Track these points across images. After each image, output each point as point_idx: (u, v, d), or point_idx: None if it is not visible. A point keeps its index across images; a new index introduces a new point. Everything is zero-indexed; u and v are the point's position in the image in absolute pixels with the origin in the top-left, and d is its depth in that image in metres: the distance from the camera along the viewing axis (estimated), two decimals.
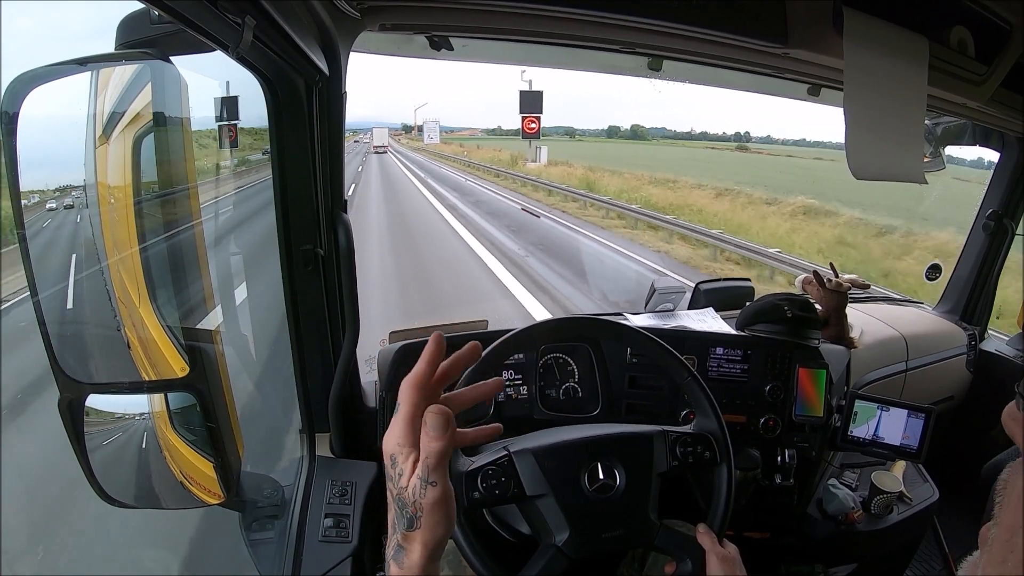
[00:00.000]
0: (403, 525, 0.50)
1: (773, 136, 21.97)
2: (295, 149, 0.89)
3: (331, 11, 0.79)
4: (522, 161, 16.23)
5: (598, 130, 22.70)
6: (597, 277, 6.42)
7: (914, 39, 0.87)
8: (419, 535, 0.49)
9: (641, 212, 10.11)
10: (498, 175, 16.77)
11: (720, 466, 0.86)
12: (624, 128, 22.28)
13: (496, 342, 0.87)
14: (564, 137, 20.31)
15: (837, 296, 1.44)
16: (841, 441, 1.26)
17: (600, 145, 22.44)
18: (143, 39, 0.66)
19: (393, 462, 0.50)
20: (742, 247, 7.52)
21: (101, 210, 0.68)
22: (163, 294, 0.72)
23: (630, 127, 22.80)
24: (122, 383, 0.72)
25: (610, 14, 0.81)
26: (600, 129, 22.82)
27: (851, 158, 0.83)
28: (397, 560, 0.50)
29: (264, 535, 0.95)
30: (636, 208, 10.48)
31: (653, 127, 22.24)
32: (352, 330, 1.02)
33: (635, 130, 22.79)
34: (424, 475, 0.48)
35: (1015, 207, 1.72)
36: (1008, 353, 1.86)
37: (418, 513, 0.49)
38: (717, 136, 24.78)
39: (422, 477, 0.48)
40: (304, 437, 1.10)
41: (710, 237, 8.14)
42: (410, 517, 0.49)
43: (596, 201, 11.32)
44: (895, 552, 1.42)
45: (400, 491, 0.49)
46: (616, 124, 22.14)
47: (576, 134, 21.60)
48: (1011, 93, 1.13)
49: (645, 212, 10.13)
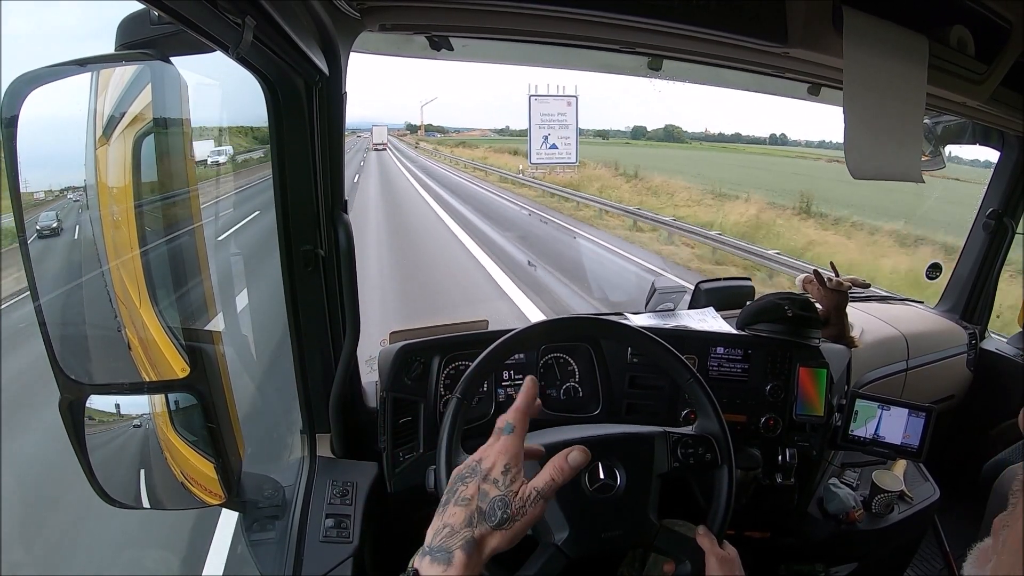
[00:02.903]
0: (493, 522, 0.55)
1: (810, 139, 19.92)
2: (295, 149, 0.89)
3: (331, 11, 0.79)
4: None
5: (620, 130, 20.58)
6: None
7: (914, 38, 0.87)
8: (503, 535, 0.56)
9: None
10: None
11: (721, 468, 0.86)
12: (643, 128, 20.05)
13: (497, 341, 0.87)
14: (596, 139, 18.88)
15: (837, 295, 1.44)
16: (842, 440, 1.26)
17: (639, 149, 19.16)
18: (143, 40, 0.66)
19: (507, 469, 0.58)
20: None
21: (101, 211, 0.68)
22: (163, 294, 0.72)
23: (664, 127, 20.79)
24: (123, 384, 0.72)
25: (610, 14, 0.81)
26: (619, 129, 20.59)
27: (849, 157, 0.83)
28: (467, 552, 0.54)
29: (265, 535, 0.96)
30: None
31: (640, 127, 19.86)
32: (352, 330, 1.02)
33: (670, 131, 20.88)
34: (543, 491, 0.57)
35: (1015, 206, 1.72)
36: (1009, 352, 1.85)
37: (517, 517, 0.56)
38: (751, 138, 22.92)
39: (540, 491, 0.57)
40: (305, 437, 1.10)
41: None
42: (506, 517, 0.55)
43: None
44: (896, 551, 1.42)
45: (507, 492, 0.56)
46: (641, 124, 19.65)
47: (609, 136, 19.96)
48: (1011, 92, 1.13)
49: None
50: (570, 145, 4.47)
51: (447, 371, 1.18)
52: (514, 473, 0.57)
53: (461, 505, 0.56)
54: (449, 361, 1.18)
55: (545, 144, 4.35)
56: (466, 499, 0.56)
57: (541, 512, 0.57)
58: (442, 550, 0.53)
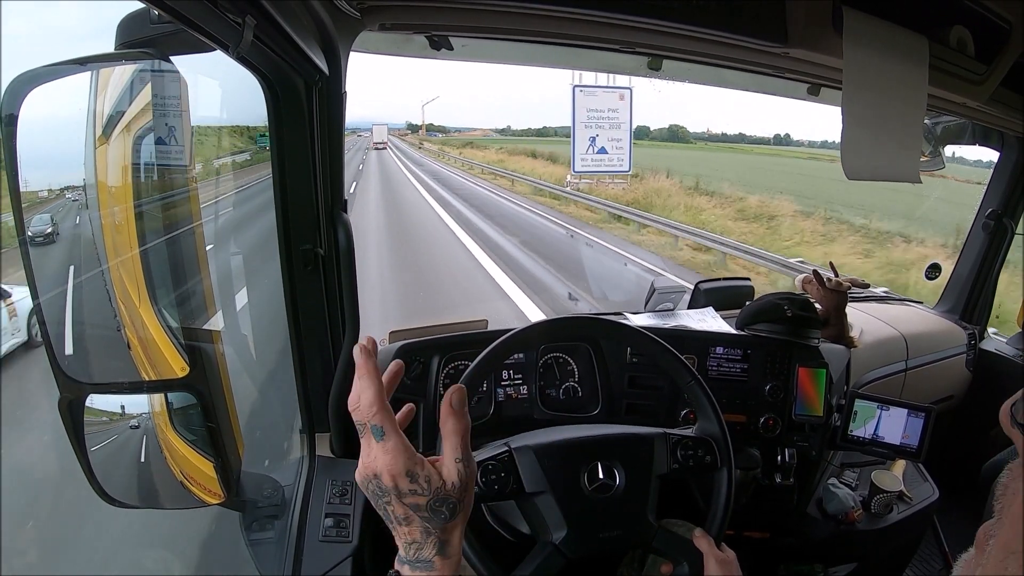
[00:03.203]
0: (446, 517, 0.51)
1: (811, 139, 19.03)
2: (295, 149, 0.89)
3: (331, 11, 0.79)
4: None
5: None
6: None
7: (914, 38, 0.87)
8: (462, 517, 0.52)
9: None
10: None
11: (720, 471, 0.86)
12: (643, 128, 18.99)
13: (498, 340, 0.88)
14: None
15: (837, 295, 1.44)
16: (841, 440, 1.26)
17: (650, 150, 17.05)
18: (143, 39, 0.66)
19: (413, 477, 0.50)
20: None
21: (101, 210, 0.68)
22: (163, 294, 0.72)
23: (668, 127, 19.76)
24: (122, 383, 0.72)
25: (610, 14, 0.81)
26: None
27: (846, 157, 0.83)
28: (444, 554, 0.52)
29: (264, 535, 0.96)
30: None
31: (643, 127, 18.69)
32: (352, 330, 1.02)
33: (674, 131, 19.99)
34: (461, 455, 0.51)
35: (1015, 206, 1.72)
36: (1008, 352, 1.86)
37: (462, 497, 0.51)
38: (755, 138, 21.94)
39: (459, 459, 0.51)
40: (304, 437, 1.10)
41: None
42: (453, 506, 0.51)
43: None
44: (895, 551, 1.42)
45: (438, 492, 0.50)
46: (643, 124, 18.37)
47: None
48: (1011, 92, 1.13)
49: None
50: (623, 149, 3.43)
51: (446, 371, 1.18)
52: (424, 473, 0.50)
53: (405, 524, 0.52)
54: (448, 361, 1.18)
55: (592, 147, 3.35)
56: (403, 518, 0.51)
57: (475, 469, 0.54)
58: (420, 561, 0.52)
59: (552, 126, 21.81)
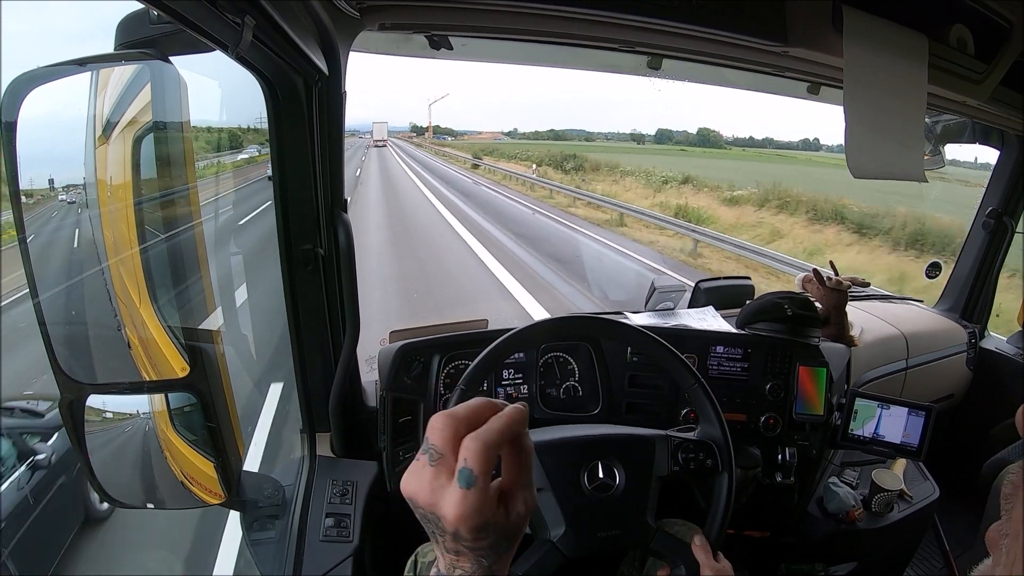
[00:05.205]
0: (498, 553, 0.44)
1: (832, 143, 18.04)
2: (295, 149, 0.89)
3: (331, 11, 0.79)
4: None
5: (617, 133, 19.04)
6: None
7: (914, 37, 0.87)
8: (515, 546, 0.46)
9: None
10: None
11: (721, 475, 0.86)
12: (665, 132, 18.30)
13: (499, 339, 0.87)
14: (630, 144, 17.20)
15: (837, 294, 1.44)
16: (841, 439, 1.26)
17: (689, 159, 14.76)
18: (143, 39, 0.66)
19: (483, 531, 0.42)
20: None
21: (101, 210, 0.68)
22: (163, 294, 0.72)
23: (696, 132, 18.96)
24: (123, 383, 0.72)
25: (610, 13, 0.81)
26: (614, 132, 19.13)
27: (851, 156, 0.83)
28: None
29: (265, 535, 0.96)
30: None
31: (665, 131, 17.83)
32: (352, 330, 1.02)
33: (704, 135, 19.03)
34: (527, 481, 0.44)
35: (1015, 205, 1.72)
36: (1008, 351, 1.85)
37: (522, 526, 0.45)
38: (784, 143, 21.13)
39: (526, 485, 0.44)
40: (305, 437, 1.11)
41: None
42: (512, 539, 0.44)
43: None
44: (896, 550, 1.42)
45: (502, 530, 0.43)
46: (664, 128, 17.67)
47: (644, 140, 17.48)
48: (1011, 91, 1.13)
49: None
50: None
51: (447, 370, 1.18)
52: (493, 523, 0.42)
53: (454, 553, 0.44)
54: (449, 360, 1.18)
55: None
56: (455, 550, 0.43)
57: (535, 502, 0.46)
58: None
59: (559, 128, 20.88)
